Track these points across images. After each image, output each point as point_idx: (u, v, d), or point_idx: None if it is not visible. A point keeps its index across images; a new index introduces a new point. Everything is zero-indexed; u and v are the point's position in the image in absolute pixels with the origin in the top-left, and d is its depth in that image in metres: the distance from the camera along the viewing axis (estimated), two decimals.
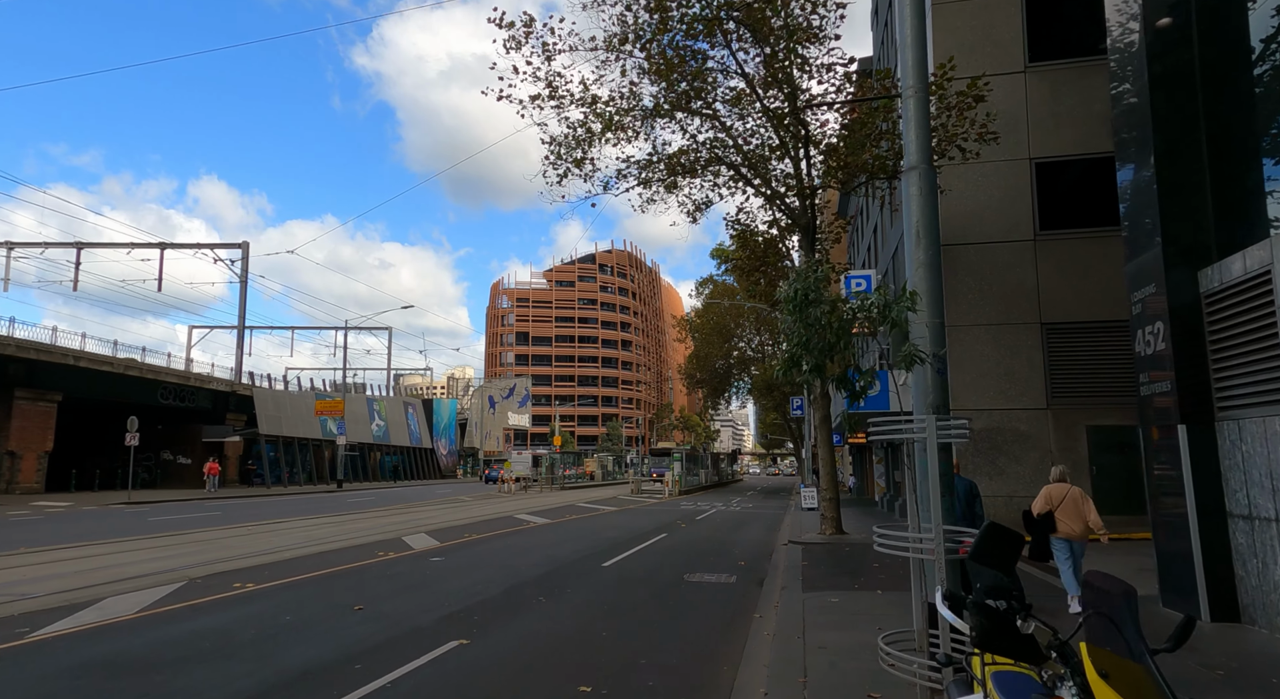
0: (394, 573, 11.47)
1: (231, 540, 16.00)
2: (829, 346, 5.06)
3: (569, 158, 17.69)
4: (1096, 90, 16.51)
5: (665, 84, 17.45)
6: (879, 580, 10.80)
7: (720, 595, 10.07)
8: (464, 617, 8.31)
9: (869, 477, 36.80)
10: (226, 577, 10.87)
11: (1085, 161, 16.58)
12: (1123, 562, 11.86)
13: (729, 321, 56.07)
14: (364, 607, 8.74)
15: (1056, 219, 16.63)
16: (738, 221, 20.73)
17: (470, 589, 10.06)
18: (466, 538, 16.86)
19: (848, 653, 6.67)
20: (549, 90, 17.90)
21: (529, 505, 29.52)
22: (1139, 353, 8.76)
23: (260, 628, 7.64)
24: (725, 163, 18.62)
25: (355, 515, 23.77)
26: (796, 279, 5.17)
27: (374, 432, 60.28)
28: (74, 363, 32.05)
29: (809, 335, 4.98)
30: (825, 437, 18.65)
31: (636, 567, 12.61)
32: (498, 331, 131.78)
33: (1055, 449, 15.76)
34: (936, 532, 4.54)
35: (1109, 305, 15.96)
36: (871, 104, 14.35)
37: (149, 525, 19.51)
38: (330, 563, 12.45)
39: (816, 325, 4.99)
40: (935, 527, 4.56)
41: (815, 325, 4.99)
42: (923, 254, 6.09)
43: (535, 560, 13.12)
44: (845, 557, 13.78)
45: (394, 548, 14.72)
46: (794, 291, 5.10)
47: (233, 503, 30.19)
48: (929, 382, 5.81)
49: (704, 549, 15.40)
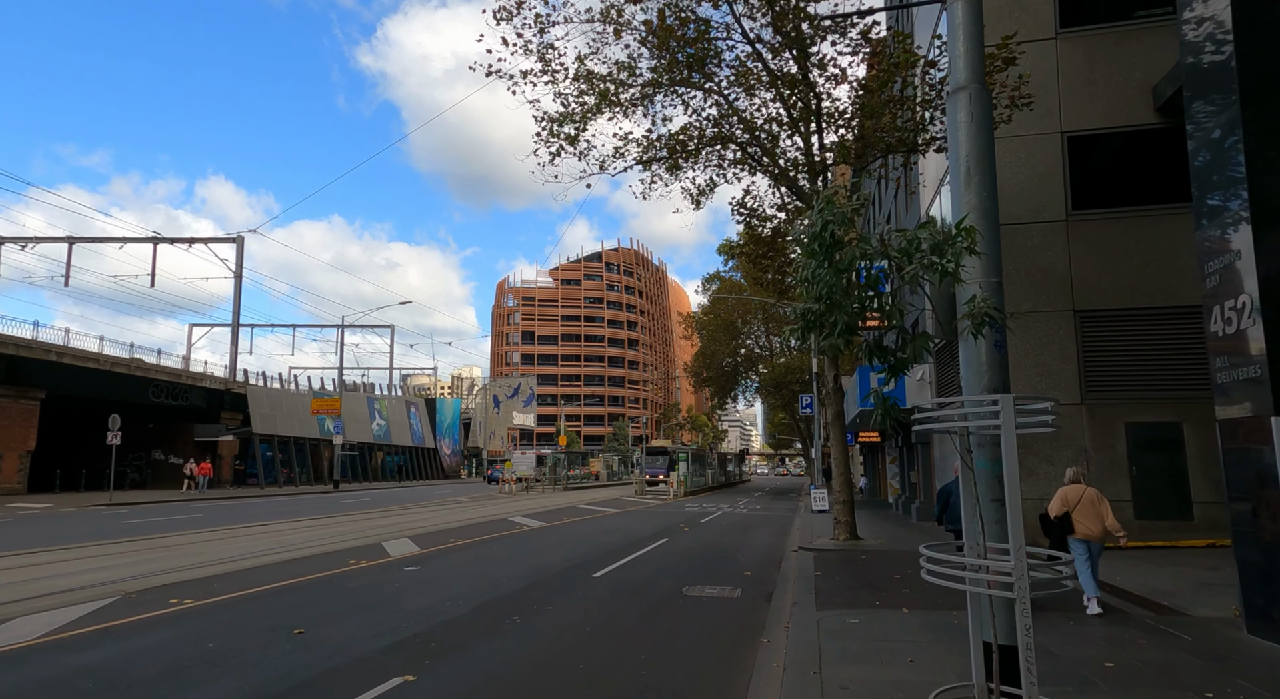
0: (357, 586, 10.23)
1: (197, 546, 14.81)
2: (861, 303, 3.78)
3: (561, 134, 16.44)
4: (1136, 57, 15.17)
5: (665, 56, 16.18)
6: (903, 596, 9.50)
7: (722, 613, 8.79)
8: (419, 643, 7.06)
9: (882, 477, 35.41)
10: (167, 590, 9.66)
11: (1123, 134, 15.22)
12: (1175, 574, 10.51)
13: (736, 319, 54.72)
14: (305, 630, 7.50)
15: (1091, 198, 15.27)
16: (743, 205, 19.42)
17: (436, 607, 8.81)
18: (451, 543, 15.62)
19: (877, 696, 5.37)
20: (541, 64, 16.68)
21: (527, 507, 28.29)
22: (1215, 333, 7.41)
23: (170, 659, 6.41)
24: (731, 140, 17.32)
25: (343, 518, 22.58)
26: (823, 208, 3.88)
27: (375, 431, 59.18)
28: (57, 359, 31.00)
29: (836, 285, 3.69)
30: (838, 434, 17.32)
31: (630, 577, 11.34)
32: (503, 331, 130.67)
33: (1091, 447, 14.40)
34: (1018, 556, 3.24)
35: (1150, 291, 14.62)
36: (891, 60, 13.00)
37: (119, 529, 18.37)
38: (292, 573, 11.23)
39: (847, 273, 3.71)
40: (1016, 550, 3.26)
41: (845, 272, 3.71)
42: (974, 196, 4.81)
43: (519, 570, 11.87)
44: (862, 565, 12.47)
45: (369, 555, 13.50)
46: (819, 225, 3.80)
47: (219, 504, 29.07)
48: (983, 358, 4.53)
49: (707, 556, 14.12)
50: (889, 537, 16.99)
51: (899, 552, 14.36)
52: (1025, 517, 15.60)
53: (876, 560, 13.13)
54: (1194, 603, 8.60)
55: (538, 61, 16.57)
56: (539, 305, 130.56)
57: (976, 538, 3.89)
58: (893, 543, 15.78)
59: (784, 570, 12.53)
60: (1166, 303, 14.57)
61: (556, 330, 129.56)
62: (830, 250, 3.74)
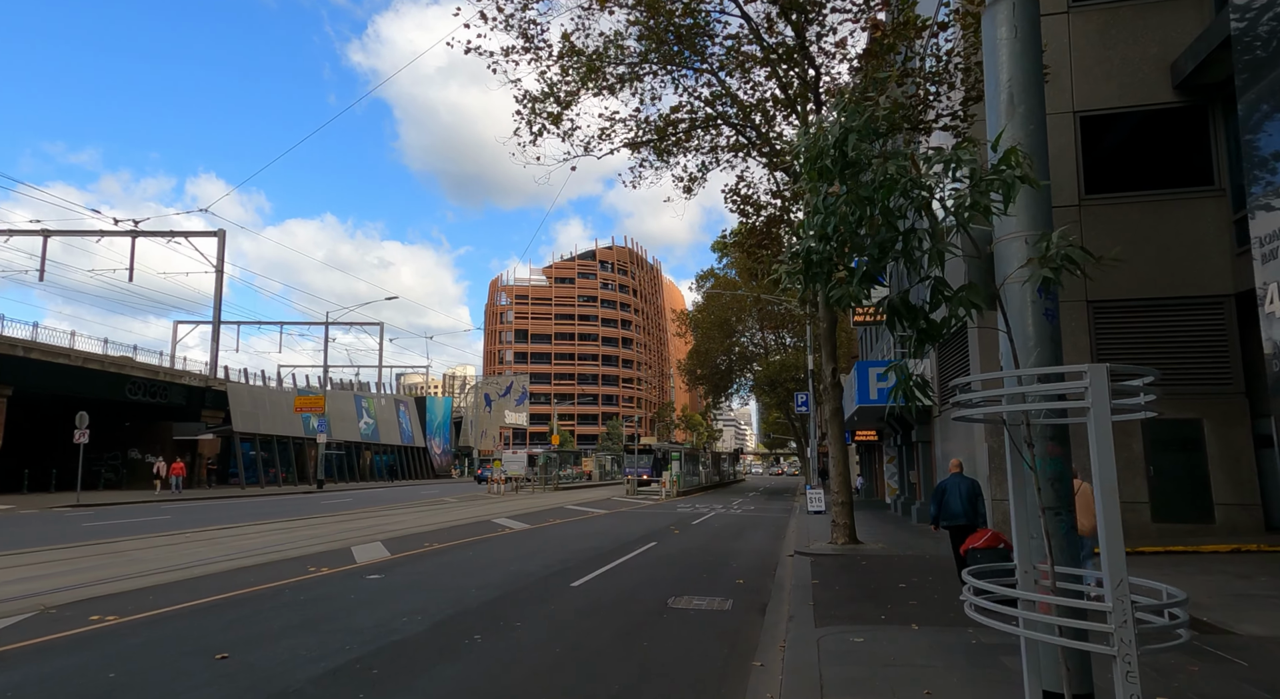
0: (309, 597, 9.27)
1: (151, 552, 13.81)
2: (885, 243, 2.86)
3: (544, 112, 15.48)
4: (1152, 31, 14.30)
5: (653, 36, 15.23)
6: (911, 609, 8.57)
7: (710, 630, 7.86)
8: (358, 670, 6.11)
9: (879, 477, 34.56)
10: (92, 605, 8.67)
11: (1140, 114, 14.35)
12: (1204, 584, 9.61)
13: (730, 316, 53.81)
14: (231, 654, 6.53)
15: (1105, 181, 14.40)
16: (736, 192, 18.50)
17: (391, 623, 7.86)
18: (425, 548, 14.66)
19: None
20: (524, 40, 15.73)
21: (513, 508, 27.32)
22: (1272, 313, 6.50)
23: (51, 696, 5.44)
24: (724, 121, 16.40)
25: (318, 520, 21.57)
26: (844, 109, 2.95)
27: (362, 430, 58.06)
28: (24, 354, 29.86)
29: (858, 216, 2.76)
30: (836, 432, 16.41)
31: (612, 587, 10.40)
32: (496, 329, 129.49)
33: None
34: (1118, 595, 2.30)
35: (1169, 279, 13.75)
36: (898, 19, 12.06)
37: (76, 533, 17.34)
38: (242, 583, 10.26)
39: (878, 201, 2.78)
40: (1116, 586, 2.32)
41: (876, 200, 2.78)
42: (1019, 130, 3.89)
43: (492, 578, 10.92)
44: (863, 573, 11.55)
45: (333, 561, 12.53)
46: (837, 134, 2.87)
47: (193, 505, 28.01)
48: (1032, 330, 3.62)
49: (696, 562, 13.18)
50: (889, 540, 16.09)
51: (901, 556, 13.46)
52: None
53: (878, 567, 12.21)
54: (1236, 618, 7.70)
55: (519, 37, 15.64)
56: (532, 303, 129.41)
57: (1031, 561, 2.96)
58: (894, 547, 14.88)
59: (779, 578, 11.61)
60: (1186, 292, 13.71)
61: (550, 329, 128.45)
62: (856, 170, 2.80)
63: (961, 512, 9.65)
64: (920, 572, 11.51)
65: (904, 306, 3.02)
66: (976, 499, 9.71)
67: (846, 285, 2.89)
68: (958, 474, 10.04)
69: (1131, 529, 13.17)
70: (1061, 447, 3.51)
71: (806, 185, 3.05)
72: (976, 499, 9.71)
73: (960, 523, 9.63)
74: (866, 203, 2.81)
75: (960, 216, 2.87)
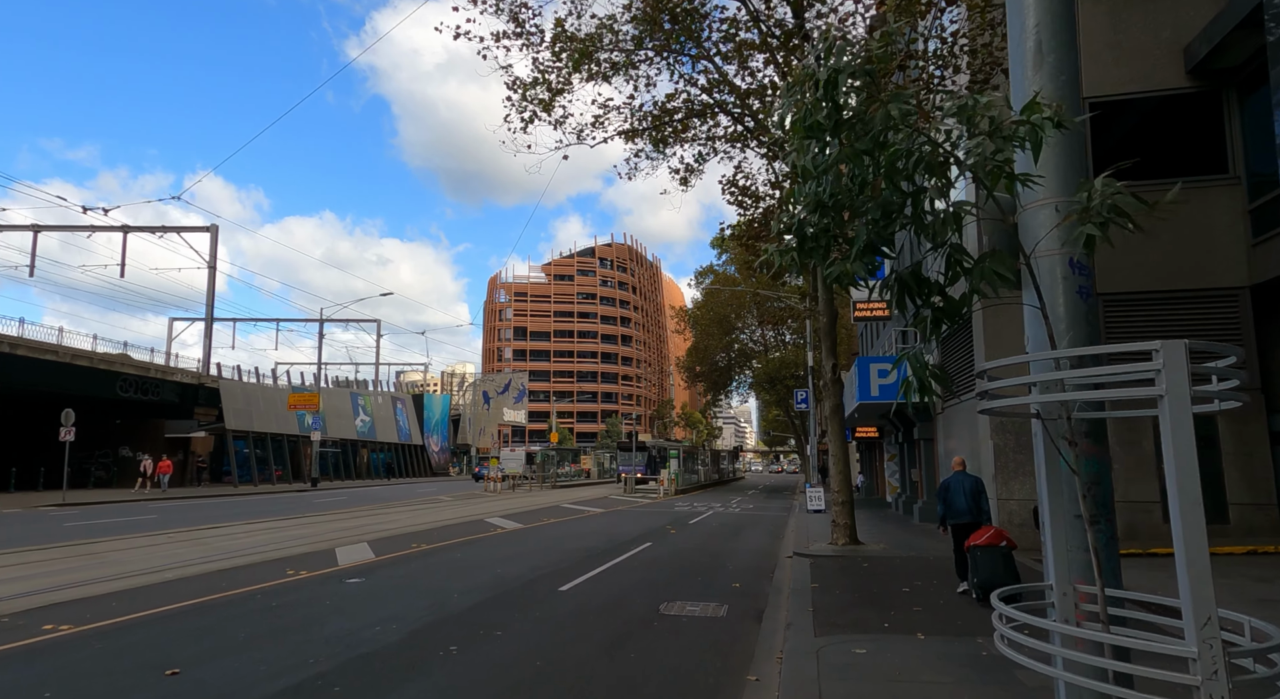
0: (281, 603, 8.79)
1: (127, 553, 13.35)
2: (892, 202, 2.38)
3: (534, 99, 14.98)
4: (1164, 14, 13.80)
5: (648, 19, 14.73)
6: (916, 616, 8.09)
7: (703, 639, 7.39)
8: (317, 688, 5.63)
9: (879, 475, 34.07)
10: (49, 612, 8.21)
11: (1151, 100, 13.86)
12: (1223, 588, 9.13)
13: (730, 313, 53.35)
14: (183, 669, 6.06)
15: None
16: (734, 183, 18.03)
17: (362, 632, 7.38)
18: (412, 549, 14.19)
19: None
20: (515, 24, 15.24)
21: (508, 507, 26.86)
22: None
23: None
24: (722, 108, 15.91)
25: (307, 519, 21.11)
26: (831, 48, 2.47)
27: (359, 428, 57.58)
28: (10, 351, 29.36)
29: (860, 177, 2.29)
30: (836, 429, 15.93)
31: (602, 591, 9.93)
32: (495, 326, 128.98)
33: (1114, 445, 13.02)
34: (1204, 636, 1.83)
35: (1180, 272, 13.28)
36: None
37: (54, 533, 16.88)
38: (213, 588, 9.79)
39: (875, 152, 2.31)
40: (1201, 625, 1.85)
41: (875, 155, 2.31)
42: (1049, 81, 3.45)
43: (478, 581, 10.45)
44: (865, 576, 11.08)
45: (314, 564, 12.06)
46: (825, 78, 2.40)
47: (181, 504, 27.55)
48: (1065, 309, 3.18)
49: (691, 564, 12.71)
50: (891, 541, 15.61)
51: (904, 558, 12.98)
52: (1017, 515, 14.38)
53: (880, 569, 11.74)
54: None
55: (510, 21, 15.15)
56: (531, 301, 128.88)
57: (1070, 580, 2.48)
58: (896, 548, 14.40)
59: (777, 581, 11.14)
60: (1199, 285, 13.24)
61: (549, 326, 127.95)
62: (851, 126, 2.33)
63: (966, 509, 9.54)
64: (924, 575, 11.04)
65: (915, 281, 2.54)
66: (980, 495, 9.59)
67: (845, 261, 2.42)
68: (960, 472, 9.94)
69: (1143, 530, 12.72)
70: (1097, 445, 3.04)
71: (793, 145, 2.57)
72: (980, 495, 9.59)
73: (965, 520, 9.54)
74: (866, 157, 2.34)
75: (981, 174, 2.39)
